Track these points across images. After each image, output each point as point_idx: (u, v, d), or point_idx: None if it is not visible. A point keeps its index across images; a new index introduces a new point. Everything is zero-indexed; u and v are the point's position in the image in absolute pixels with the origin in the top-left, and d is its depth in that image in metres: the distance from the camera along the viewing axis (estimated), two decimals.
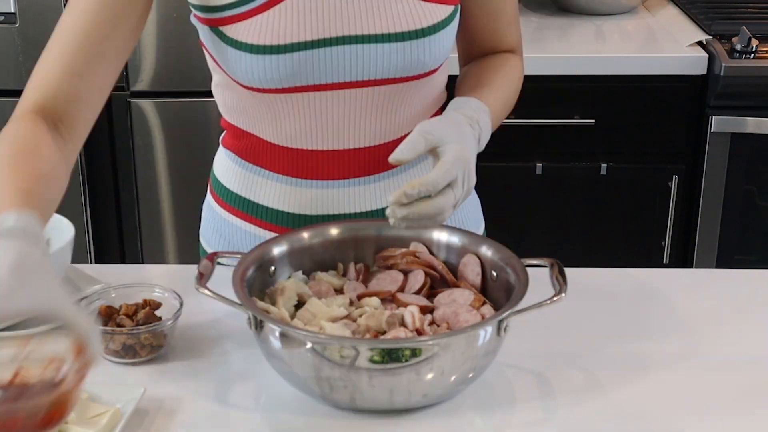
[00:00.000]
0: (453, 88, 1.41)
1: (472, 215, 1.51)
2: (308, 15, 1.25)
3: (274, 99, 1.30)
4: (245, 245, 1.41)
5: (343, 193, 1.37)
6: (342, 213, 1.37)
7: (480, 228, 1.53)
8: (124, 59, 1.25)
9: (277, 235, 1.33)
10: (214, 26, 1.28)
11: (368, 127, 1.34)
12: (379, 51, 1.27)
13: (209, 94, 1.43)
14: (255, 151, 1.38)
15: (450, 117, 1.25)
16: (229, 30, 1.26)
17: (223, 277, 1.20)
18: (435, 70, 1.35)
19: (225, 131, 1.44)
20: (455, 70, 1.45)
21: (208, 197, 1.50)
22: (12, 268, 0.90)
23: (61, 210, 1.41)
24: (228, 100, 1.38)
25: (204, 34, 1.31)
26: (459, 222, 1.46)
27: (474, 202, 1.52)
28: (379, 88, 1.31)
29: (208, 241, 1.50)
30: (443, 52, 1.33)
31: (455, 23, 1.33)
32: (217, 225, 1.46)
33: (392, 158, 1.17)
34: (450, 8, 1.31)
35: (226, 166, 1.44)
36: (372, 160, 1.36)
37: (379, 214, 1.37)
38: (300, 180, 1.36)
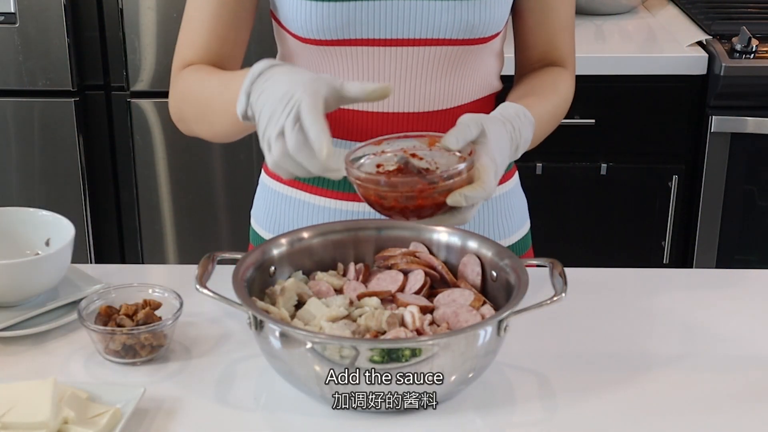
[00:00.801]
0: (508, 90, 1.43)
1: (518, 213, 1.52)
2: None
3: (330, 53, 1.34)
4: (297, 218, 1.44)
5: None
6: None
7: (525, 226, 1.54)
8: (253, 19, 1.40)
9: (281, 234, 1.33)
10: None
11: (418, 90, 1.36)
12: (431, 8, 1.31)
13: None
14: None
15: (496, 120, 1.25)
16: None
17: (223, 277, 1.20)
18: (485, 41, 1.36)
19: None
20: (510, 70, 1.46)
21: (263, 176, 1.52)
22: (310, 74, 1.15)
23: (61, 210, 1.42)
24: None
25: None
26: (504, 218, 1.48)
27: (521, 202, 1.53)
28: (429, 49, 1.34)
29: (259, 221, 1.52)
30: (494, 21, 1.35)
31: None
32: (270, 203, 1.49)
33: (442, 144, 1.18)
34: None
35: None
36: (422, 127, 1.38)
37: None
38: (351, 143, 1.37)
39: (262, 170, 1.53)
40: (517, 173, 1.54)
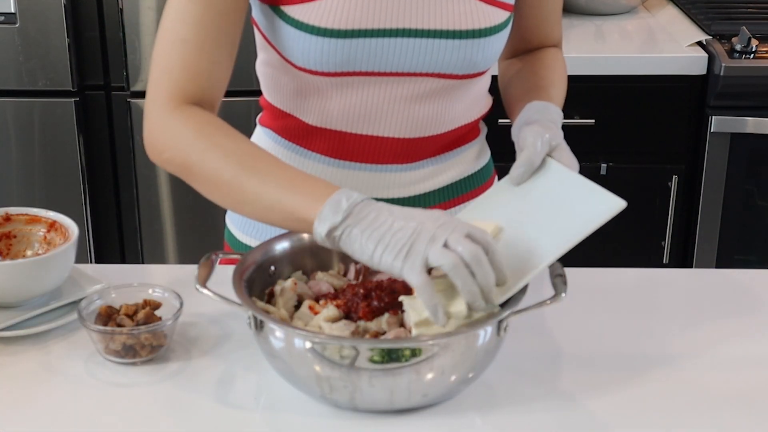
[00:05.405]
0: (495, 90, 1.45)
1: None
2: (373, 4, 1.27)
3: (325, 82, 1.32)
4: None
5: (380, 177, 1.39)
6: (379, 197, 1.38)
7: None
8: (240, 37, 1.30)
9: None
10: (275, 5, 1.29)
11: (410, 118, 1.35)
12: (436, 46, 1.30)
13: None
14: (294, 131, 1.40)
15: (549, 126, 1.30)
16: (292, 10, 1.28)
17: (223, 277, 1.20)
18: (482, 73, 1.37)
19: (263, 111, 1.46)
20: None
21: None
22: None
23: (61, 210, 1.42)
24: (273, 80, 1.40)
25: (259, 11, 1.33)
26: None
27: None
28: (428, 80, 1.33)
29: (234, 222, 1.51)
30: (493, 56, 1.35)
31: (508, 30, 1.36)
32: None
33: (516, 181, 1.26)
34: (506, 14, 1.34)
35: (263, 145, 1.45)
36: (409, 151, 1.38)
37: (414, 200, 1.41)
38: (336, 160, 1.39)
39: None
40: (497, 178, 1.53)
